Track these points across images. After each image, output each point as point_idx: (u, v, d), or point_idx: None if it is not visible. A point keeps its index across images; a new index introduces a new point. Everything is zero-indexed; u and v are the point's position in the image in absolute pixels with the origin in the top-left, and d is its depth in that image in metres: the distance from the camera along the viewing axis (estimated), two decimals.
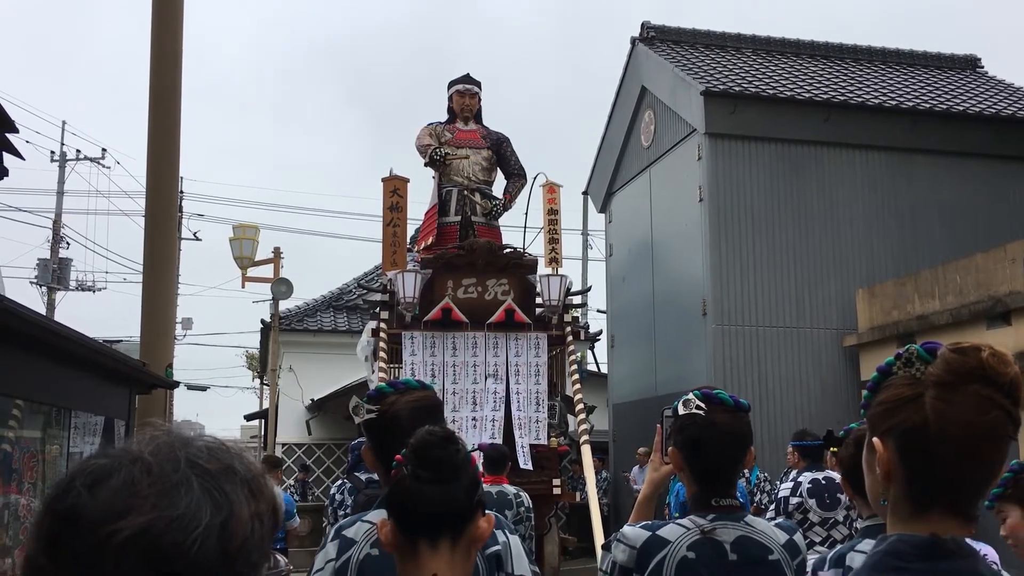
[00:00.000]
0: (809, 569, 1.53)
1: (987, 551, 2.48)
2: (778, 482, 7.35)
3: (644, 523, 2.27)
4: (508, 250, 10.62)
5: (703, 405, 2.23)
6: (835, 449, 2.81)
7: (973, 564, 1.15)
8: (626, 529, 2.25)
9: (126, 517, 0.75)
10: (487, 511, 1.67)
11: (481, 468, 6.21)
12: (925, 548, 1.15)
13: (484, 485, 6.28)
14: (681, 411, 2.24)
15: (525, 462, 9.36)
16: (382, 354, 9.69)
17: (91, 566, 0.74)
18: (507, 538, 2.16)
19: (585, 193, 19.42)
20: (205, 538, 0.76)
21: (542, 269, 10.65)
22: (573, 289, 10.77)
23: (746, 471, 10.93)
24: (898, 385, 1.21)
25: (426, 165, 11.28)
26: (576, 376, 10.04)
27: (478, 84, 11.79)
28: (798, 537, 2.29)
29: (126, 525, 0.74)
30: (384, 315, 10.04)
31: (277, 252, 20.34)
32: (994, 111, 14.44)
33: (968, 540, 2.46)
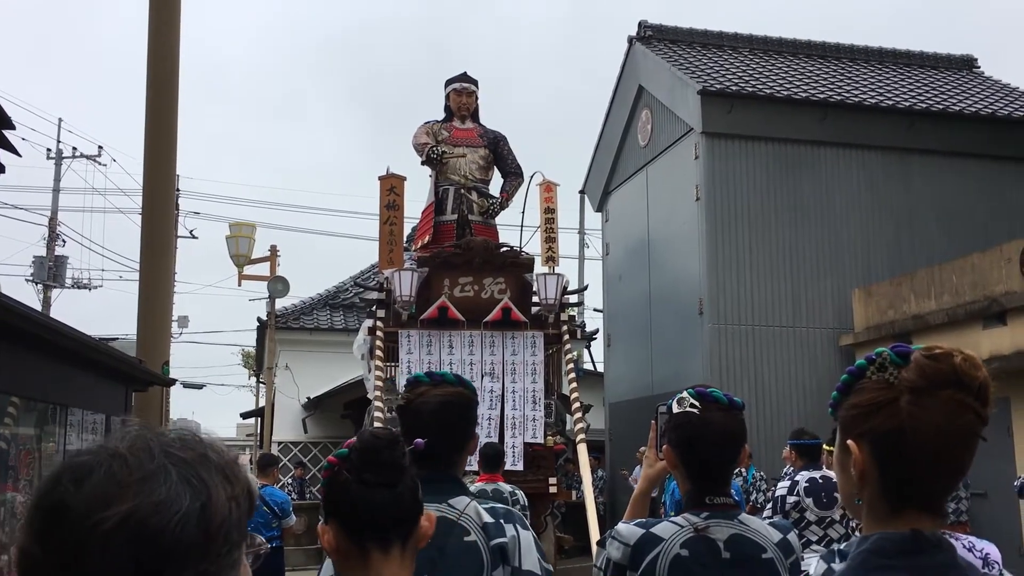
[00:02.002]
0: (813, 569, 1.54)
1: (990, 549, 2.49)
2: (776, 481, 7.37)
3: (638, 521, 2.27)
4: (505, 249, 10.62)
5: (697, 403, 2.23)
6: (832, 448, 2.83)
7: (952, 557, 1.19)
8: (620, 526, 2.26)
9: (111, 506, 0.80)
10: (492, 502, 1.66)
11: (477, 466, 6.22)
12: (907, 544, 1.18)
13: (480, 483, 6.26)
14: (675, 409, 2.25)
15: (515, 462, 9.35)
16: (378, 352, 9.69)
17: (81, 553, 0.79)
18: (516, 532, 2.14)
19: (582, 192, 19.42)
20: (186, 521, 0.82)
21: (539, 268, 10.66)
22: (570, 288, 10.76)
23: (742, 470, 10.95)
24: (872, 389, 1.24)
25: (423, 163, 11.27)
26: (572, 375, 10.05)
27: (475, 83, 11.77)
28: (792, 536, 2.29)
29: (112, 513, 0.79)
30: (381, 313, 10.04)
31: (273, 250, 20.31)
32: (990, 111, 14.46)
33: (973, 539, 2.46)
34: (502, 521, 2.15)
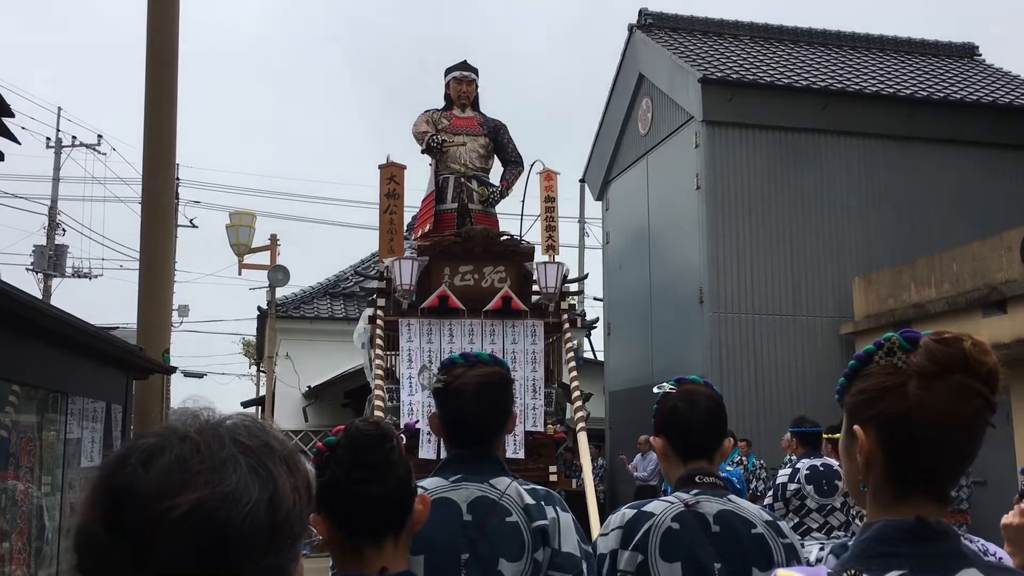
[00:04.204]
0: (813, 557, 1.57)
1: (1002, 554, 2.47)
2: (777, 469, 7.37)
3: (630, 504, 2.36)
4: (505, 237, 10.61)
5: (675, 386, 2.41)
6: (835, 436, 2.84)
7: (957, 545, 1.17)
8: (611, 516, 2.34)
9: (181, 493, 0.79)
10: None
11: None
12: (912, 532, 1.17)
13: None
14: (655, 392, 2.41)
15: (516, 450, 9.36)
16: (379, 341, 9.69)
17: (148, 538, 0.78)
18: (557, 514, 2.15)
19: (582, 181, 19.40)
20: (254, 512, 0.81)
21: (539, 256, 10.64)
22: (570, 277, 10.75)
23: (743, 458, 10.97)
24: (879, 374, 1.22)
25: (423, 152, 11.24)
26: (573, 364, 10.05)
27: (475, 71, 11.74)
28: (785, 525, 2.34)
29: (182, 501, 0.79)
30: (381, 302, 10.03)
31: (274, 239, 20.32)
32: (991, 99, 14.44)
33: (987, 543, 2.43)
34: (543, 503, 2.16)
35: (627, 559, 2.23)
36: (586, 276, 16.06)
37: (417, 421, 9.14)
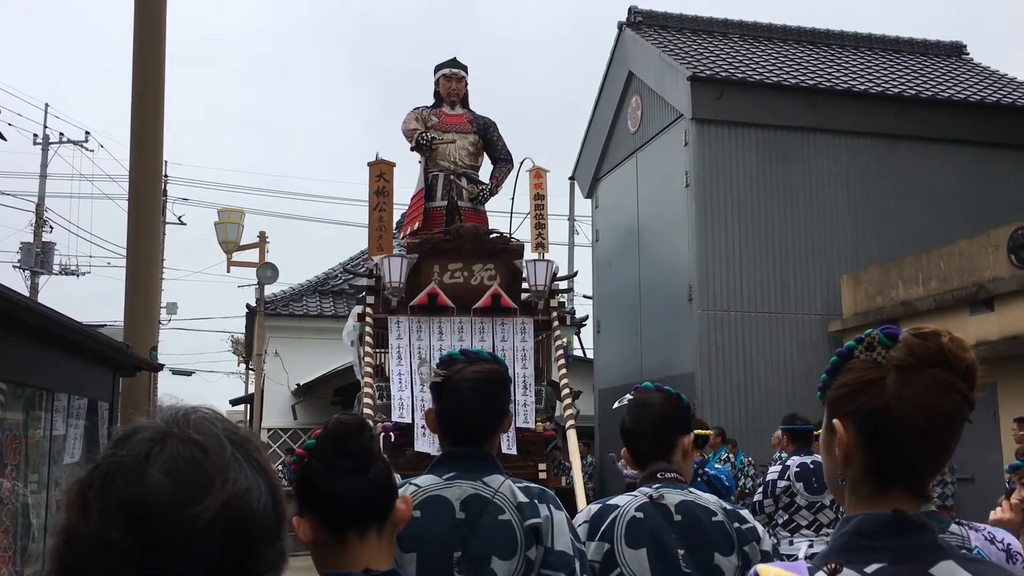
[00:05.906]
0: (802, 554, 1.60)
1: (1011, 540, 2.47)
2: (765, 466, 7.38)
3: (596, 500, 2.54)
4: (494, 235, 10.61)
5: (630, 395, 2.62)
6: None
7: (934, 538, 1.18)
8: (577, 516, 2.48)
9: (207, 496, 0.82)
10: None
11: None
12: (890, 525, 1.17)
13: None
14: (614, 407, 2.66)
15: (508, 447, 9.37)
16: (368, 339, 9.68)
17: (178, 541, 0.80)
18: (550, 513, 2.15)
19: (572, 178, 19.40)
20: (266, 505, 0.86)
21: (528, 254, 10.65)
22: (559, 274, 10.76)
23: (731, 456, 10.99)
24: (859, 368, 1.23)
25: (412, 150, 11.23)
26: (562, 361, 10.05)
27: (465, 68, 11.74)
28: (746, 513, 2.48)
29: (211, 504, 0.82)
30: (370, 300, 10.02)
31: (262, 236, 20.24)
32: (979, 98, 14.50)
33: (994, 529, 2.44)
34: (536, 501, 2.16)
35: (594, 549, 2.34)
36: (575, 274, 16.02)
37: (401, 417, 9.13)
